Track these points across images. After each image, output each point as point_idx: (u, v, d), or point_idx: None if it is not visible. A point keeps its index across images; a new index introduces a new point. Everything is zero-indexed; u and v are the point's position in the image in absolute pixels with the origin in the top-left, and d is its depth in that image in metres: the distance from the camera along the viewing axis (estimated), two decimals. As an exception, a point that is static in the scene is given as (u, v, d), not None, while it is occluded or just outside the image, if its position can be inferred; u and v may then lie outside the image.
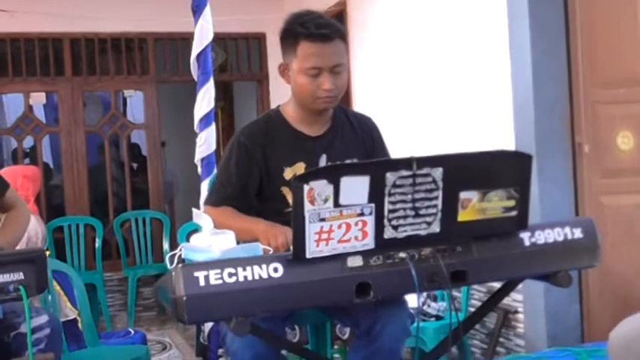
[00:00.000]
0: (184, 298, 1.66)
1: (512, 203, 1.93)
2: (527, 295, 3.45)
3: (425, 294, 3.64)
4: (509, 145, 3.46)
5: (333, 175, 1.71)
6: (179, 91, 6.81)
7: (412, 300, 3.68)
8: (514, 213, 1.94)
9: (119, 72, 6.40)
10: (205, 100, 3.82)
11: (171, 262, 1.86)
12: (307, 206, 1.71)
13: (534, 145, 3.33)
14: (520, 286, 3.40)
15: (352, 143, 2.45)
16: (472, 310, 3.87)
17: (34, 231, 4.34)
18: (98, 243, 5.90)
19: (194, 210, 2.08)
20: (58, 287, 3.67)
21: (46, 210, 6.12)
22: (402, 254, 1.84)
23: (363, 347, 2.22)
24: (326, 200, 1.74)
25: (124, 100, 7.82)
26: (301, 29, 2.24)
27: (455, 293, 3.78)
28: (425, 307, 3.58)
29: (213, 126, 3.87)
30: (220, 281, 1.69)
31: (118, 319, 5.90)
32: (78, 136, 6.23)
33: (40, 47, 6.10)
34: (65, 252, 5.82)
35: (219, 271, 1.70)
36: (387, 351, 2.20)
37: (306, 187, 1.70)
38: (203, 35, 3.81)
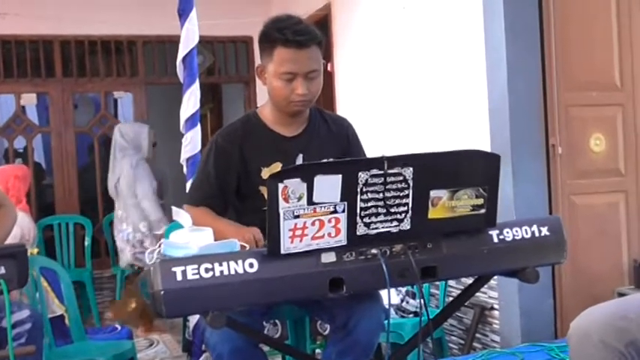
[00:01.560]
0: (162, 292, 1.72)
1: (480, 201, 2.01)
2: (502, 292, 3.55)
3: (403, 291, 3.74)
4: (484, 146, 3.55)
5: (307, 174, 1.78)
6: (169, 93, 6.89)
7: (392, 297, 3.79)
8: (483, 211, 2.02)
9: (109, 74, 6.48)
10: (191, 101, 3.89)
11: (150, 258, 1.93)
12: (282, 204, 1.78)
13: (509, 147, 3.41)
14: (495, 283, 3.54)
15: (328, 143, 2.52)
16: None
17: (27, 229, 4.43)
18: (87, 241, 5.98)
19: (173, 208, 2.15)
20: (45, 284, 3.74)
21: (36, 209, 6.19)
22: (374, 250, 1.91)
23: (339, 341, 2.30)
24: (300, 198, 1.80)
25: (115, 101, 7.89)
26: (278, 35, 2.30)
27: (433, 290, 3.87)
28: (403, 304, 3.66)
29: (198, 127, 3.94)
30: (197, 276, 1.75)
31: (106, 315, 5.96)
32: (68, 137, 6.31)
33: (30, 49, 6.17)
34: (55, 250, 5.89)
35: (196, 266, 1.76)
36: (362, 344, 2.28)
37: (280, 185, 1.77)
38: (189, 38, 3.88)
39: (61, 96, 6.28)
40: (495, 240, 2.08)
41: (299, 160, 2.46)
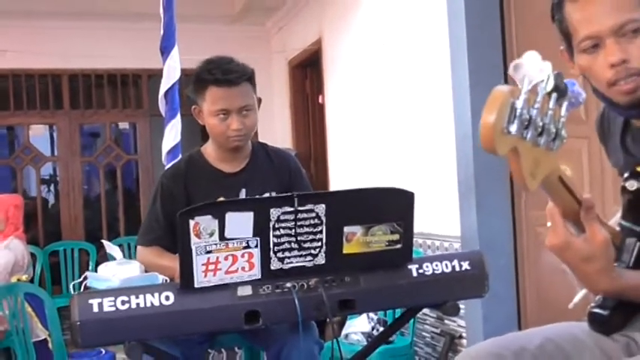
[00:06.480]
0: (78, 323, 1.82)
1: (396, 237, 2.07)
2: (468, 320, 3.59)
3: (375, 319, 3.80)
4: (453, 179, 3.62)
5: (218, 211, 1.88)
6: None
7: (364, 324, 3.84)
8: (399, 246, 2.09)
9: (115, 106, 6.70)
10: (172, 134, 4.04)
11: (75, 289, 2.04)
12: (193, 239, 1.88)
13: (473, 179, 3.46)
14: (463, 312, 3.58)
15: (270, 177, 2.59)
16: (424, 334, 4.03)
17: (21, 255, 4.60)
18: (91, 266, 6.12)
19: (104, 242, 2.27)
20: (29, 309, 3.88)
21: (43, 235, 6.41)
22: (289, 284, 1.99)
23: (272, 371, 2.39)
24: (212, 234, 1.91)
25: (134, 131, 8.08)
26: (208, 75, 2.42)
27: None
28: (374, 332, 3.72)
29: (179, 158, 4.08)
30: (113, 308, 1.84)
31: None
32: (74, 166, 6.52)
33: (40, 82, 6.41)
34: (60, 275, 6.08)
35: (112, 298, 1.85)
36: (294, 375, 2.36)
37: (191, 222, 1.87)
38: (170, 74, 4.03)
39: (68, 127, 6.51)
40: (414, 274, 2.14)
41: (242, 195, 2.53)
